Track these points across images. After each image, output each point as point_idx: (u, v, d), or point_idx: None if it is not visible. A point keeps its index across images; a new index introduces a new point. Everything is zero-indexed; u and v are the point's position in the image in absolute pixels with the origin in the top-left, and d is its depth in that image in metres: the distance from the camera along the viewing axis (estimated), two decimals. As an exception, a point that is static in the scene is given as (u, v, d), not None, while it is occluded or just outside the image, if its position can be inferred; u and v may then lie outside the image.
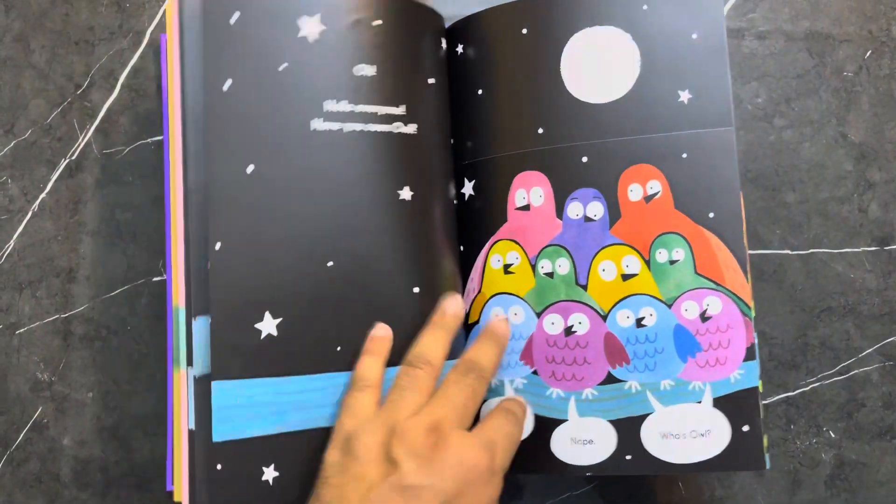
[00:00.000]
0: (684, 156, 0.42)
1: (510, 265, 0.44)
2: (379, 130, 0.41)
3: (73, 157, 0.47)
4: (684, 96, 0.42)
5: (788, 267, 0.48)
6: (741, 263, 0.41)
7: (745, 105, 0.49)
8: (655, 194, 0.42)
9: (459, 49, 0.46)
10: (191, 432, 0.38)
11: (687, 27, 0.42)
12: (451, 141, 0.46)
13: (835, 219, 0.49)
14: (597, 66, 0.43)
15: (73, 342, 0.46)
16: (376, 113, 0.41)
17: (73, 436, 0.45)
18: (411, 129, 0.42)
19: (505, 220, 0.44)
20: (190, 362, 0.38)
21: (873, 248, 0.49)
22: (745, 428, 0.40)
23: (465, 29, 0.46)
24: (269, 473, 0.38)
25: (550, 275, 0.43)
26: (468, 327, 0.45)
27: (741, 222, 0.41)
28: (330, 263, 0.40)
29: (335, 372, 0.40)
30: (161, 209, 0.47)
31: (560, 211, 0.43)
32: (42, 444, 0.45)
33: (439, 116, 0.44)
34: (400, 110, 0.42)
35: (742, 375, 0.41)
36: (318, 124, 0.40)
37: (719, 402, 0.40)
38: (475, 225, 0.45)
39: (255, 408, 0.38)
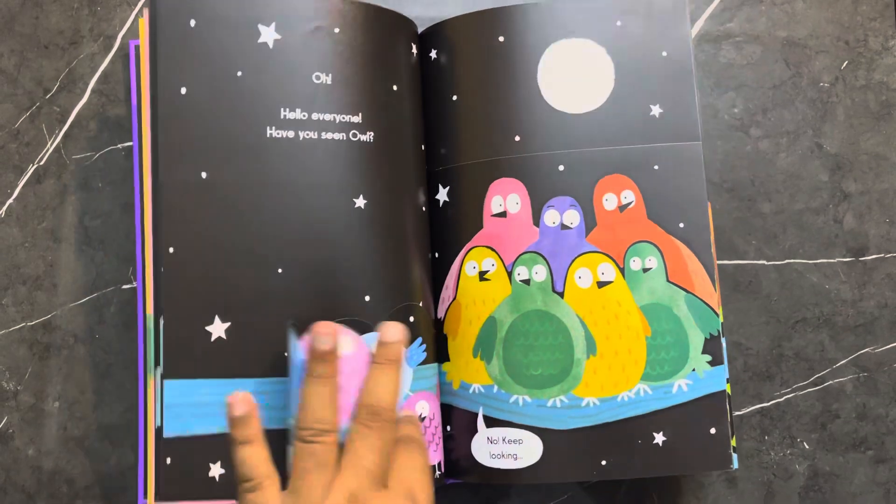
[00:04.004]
0: (656, 167, 0.43)
1: (486, 272, 0.43)
2: (334, 138, 0.42)
3: (42, 163, 0.46)
4: (656, 110, 0.43)
5: (764, 277, 0.48)
6: (709, 272, 0.42)
7: (722, 115, 0.49)
8: (629, 204, 0.43)
9: (433, 55, 0.45)
10: (157, 430, 0.39)
11: (657, 44, 0.44)
12: (423, 147, 0.45)
13: (810, 229, 0.49)
14: (573, 77, 0.44)
15: (39, 351, 0.45)
16: (333, 121, 0.42)
17: (38, 446, 0.45)
18: (368, 137, 0.42)
19: (480, 227, 0.44)
20: (158, 362, 0.39)
21: (848, 259, 0.49)
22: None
23: (438, 35, 0.45)
24: (216, 470, 0.39)
25: (527, 282, 0.43)
26: (444, 337, 0.44)
27: (709, 232, 0.42)
28: (280, 270, 0.40)
29: (282, 377, 0.40)
30: (131, 216, 0.46)
31: (537, 218, 0.43)
32: (7, 454, 0.45)
33: (404, 123, 0.44)
34: (357, 118, 0.42)
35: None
36: (273, 132, 0.41)
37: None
38: (449, 231, 0.44)
39: (203, 407, 0.39)
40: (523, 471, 0.42)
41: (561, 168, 0.43)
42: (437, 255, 0.45)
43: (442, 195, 0.45)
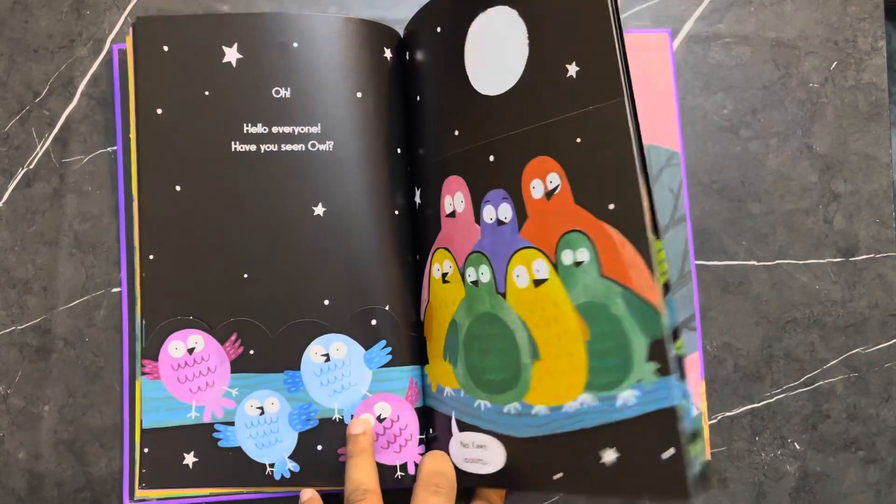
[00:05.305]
0: (578, 140, 0.36)
1: (446, 274, 0.42)
2: (293, 150, 0.43)
3: (31, 166, 0.47)
4: (572, 70, 0.36)
5: (754, 278, 0.48)
6: (646, 260, 0.34)
7: (711, 116, 0.49)
8: (555, 189, 0.37)
9: (407, 56, 0.45)
10: (140, 423, 0.43)
11: None
12: (399, 150, 0.45)
13: (800, 230, 0.49)
14: (491, 55, 0.39)
15: (29, 354, 0.45)
16: (292, 133, 0.43)
17: (28, 449, 0.45)
18: (328, 146, 0.43)
19: (440, 229, 0.43)
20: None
21: (838, 260, 0.49)
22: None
23: (409, 36, 0.45)
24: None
25: (476, 283, 0.40)
26: (424, 338, 0.44)
27: (642, 211, 0.34)
28: (245, 276, 0.43)
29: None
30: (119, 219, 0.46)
31: (478, 216, 0.40)
32: (-3, 458, 0.45)
33: (370, 129, 0.44)
34: (316, 129, 0.43)
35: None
36: (237, 146, 0.43)
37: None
38: (423, 234, 0.44)
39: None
40: (490, 476, 0.39)
41: (491, 158, 0.39)
42: (417, 257, 0.45)
43: (417, 197, 0.45)
